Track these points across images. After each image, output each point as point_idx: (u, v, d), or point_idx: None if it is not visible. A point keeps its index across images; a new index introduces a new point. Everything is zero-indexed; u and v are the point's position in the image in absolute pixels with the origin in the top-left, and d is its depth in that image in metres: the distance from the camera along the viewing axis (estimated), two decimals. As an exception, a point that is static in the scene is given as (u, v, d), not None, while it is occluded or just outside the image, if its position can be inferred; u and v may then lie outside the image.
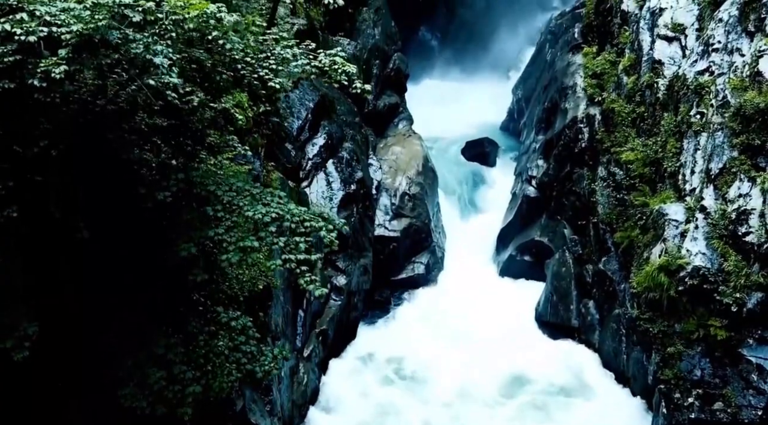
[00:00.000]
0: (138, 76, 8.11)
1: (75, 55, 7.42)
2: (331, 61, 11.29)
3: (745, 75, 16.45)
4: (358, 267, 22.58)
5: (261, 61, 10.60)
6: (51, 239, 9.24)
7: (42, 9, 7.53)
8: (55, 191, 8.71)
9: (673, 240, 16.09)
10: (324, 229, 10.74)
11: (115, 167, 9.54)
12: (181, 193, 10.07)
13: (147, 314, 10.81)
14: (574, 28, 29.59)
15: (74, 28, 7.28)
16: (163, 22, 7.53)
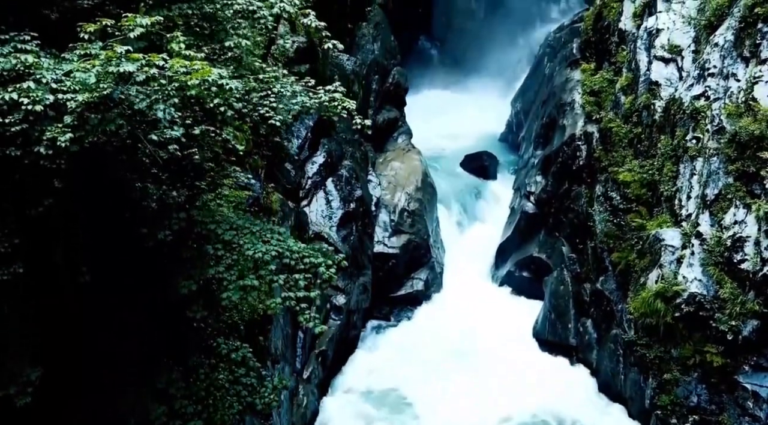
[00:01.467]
0: (141, 132, 8.26)
1: (80, 122, 7.56)
2: (331, 97, 11.42)
3: (741, 101, 16.59)
4: (358, 286, 22.71)
5: (262, 99, 10.74)
6: (52, 284, 9.37)
7: (48, 76, 7.68)
8: (59, 240, 8.85)
9: (670, 266, 16.22)
10: (323, 265, 10.87)
11: (117, 206, 9.67)
12: (182, 231, 10.20)
13: (148, 349, 10.93)
14: (573, 44, 29.75)
15: (80, 98, 7.42)
16: (166, 87, 7.68)
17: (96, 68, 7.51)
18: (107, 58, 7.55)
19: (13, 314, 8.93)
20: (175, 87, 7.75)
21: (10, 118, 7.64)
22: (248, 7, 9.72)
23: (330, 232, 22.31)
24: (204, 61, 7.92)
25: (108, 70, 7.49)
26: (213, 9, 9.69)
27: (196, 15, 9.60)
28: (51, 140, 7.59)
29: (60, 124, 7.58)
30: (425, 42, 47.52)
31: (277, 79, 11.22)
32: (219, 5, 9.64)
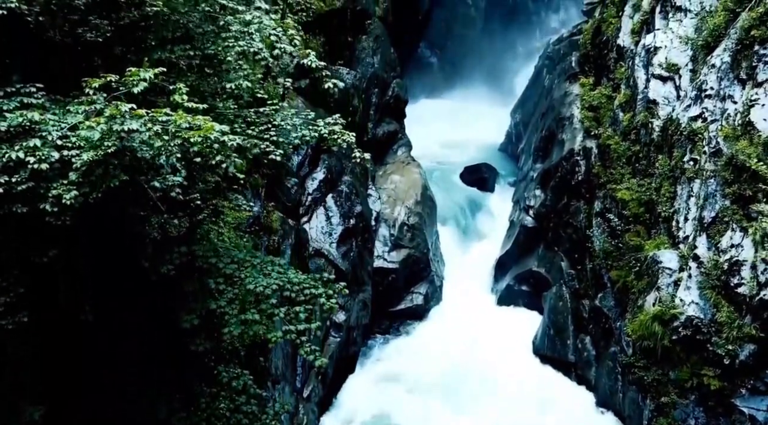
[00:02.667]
0: (144, 180, 8.39)
1: (84, 178, 7.68)
2: (331, 130, 11.54)
3: (737, 124, 16.70)
4: (357, 302, 22.82)
5: (262, 133, 10.86)
6: (55, 321, 9.48)
7: (54, 133, 7.80)
8: (62, 283, 8.96)
9: (667, 289, 16.34)
10: (323, 295, 10.99)
11: (119, 240, 9.78)
12: (184, 265, 10.32)
13: (149, 380, 11.04)
14: (572, 57, 29.89)
15: (84, 156, 7.54)
16: (169, 143, 7.80)
17: (101, 126, 7.64)
18: (112, 115, 7.67)
19: (15, 354, 9.03)
20: (178, 144, 7.88)
21: (16, 177, 7.77)
22: (249, 48, 9.84)
23: (330, 249, 22.41)
24: (206, 117, 8.04)
25: (113, 128, 7.61)
26: (215, 50, 9.83)
27: (197, 56, 9.73)
28: (56, 197, 7.71)
29: (65, 180, 7.71)
30: (425, 49, 47.65)
31: (278, 112, 11.33)
32: (221, 47, 9.77)
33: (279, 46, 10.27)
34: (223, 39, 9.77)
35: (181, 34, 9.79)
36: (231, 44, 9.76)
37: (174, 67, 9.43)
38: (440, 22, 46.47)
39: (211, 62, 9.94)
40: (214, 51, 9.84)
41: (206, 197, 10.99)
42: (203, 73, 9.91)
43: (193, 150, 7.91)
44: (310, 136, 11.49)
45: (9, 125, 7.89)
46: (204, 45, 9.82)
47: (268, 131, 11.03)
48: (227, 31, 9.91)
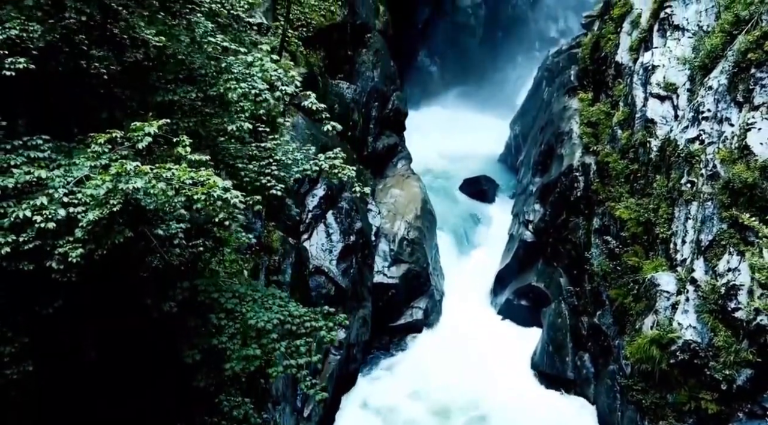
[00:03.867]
0: (147, 228, 8.52)
1: (90, 236, 7.80)
2: (331, 164, 11.67)
3: (734, 147, 16.83)
4: (358, 319, 22.94)
5: (263, 168, 10.98)
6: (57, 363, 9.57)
7: (61, 191, 7.93)
8: (66, 328, 9.07)
9: (665, 312, 16.46)
10: (324, 328, 11.11)
11: (121, 283, 9.88)
12: (186, 301, 10.43)
13: (152, 413, 11.13)
14: (570, 70, 30.02)
15: (90, 216, 7.67)
16: (173, 199, 7.93)
17: (106, 184, 7.77)
18: (117, 172, 7.80)
19: (18, 400, 9.11)
20: (182, 201, 8.00)
21: (23, 235, 7.90)
22: (251, 90, 9.96)
23: (330, 266, 22.52)
24: (209, 170, 8.16)
25: (118, 186, 7.74)
26: (217, 92, 9.95)
27: (200, 98, 9.85)
28: (63, 254, 7.84)
29: (71, 237, 7.83)
30: (425, 58, 47.78)
31: (279, 147, 11.45)
32: (222, 89, 9.89)
33: (281, 88, 10.37)
34: (225, 81, 9.90)
35: (184, 76, 9.91)
36: (233, 86, 9.88)
37: (177, 108, 9.54)
38: (440, 31, 46.63)
39: (214, 103, 10.06)
40: (216, 93, 9.97)
41: (208, 228, 11.09)
42: (205, 114, 10.02)
43: (197, 207, 8.04)
44: (312, 170, 11.60)
45: (16, 181, 8.01)
46: (206, 87, 9.94)
47: (269, 165, 11.15)
48: (229, 72, 10.04)
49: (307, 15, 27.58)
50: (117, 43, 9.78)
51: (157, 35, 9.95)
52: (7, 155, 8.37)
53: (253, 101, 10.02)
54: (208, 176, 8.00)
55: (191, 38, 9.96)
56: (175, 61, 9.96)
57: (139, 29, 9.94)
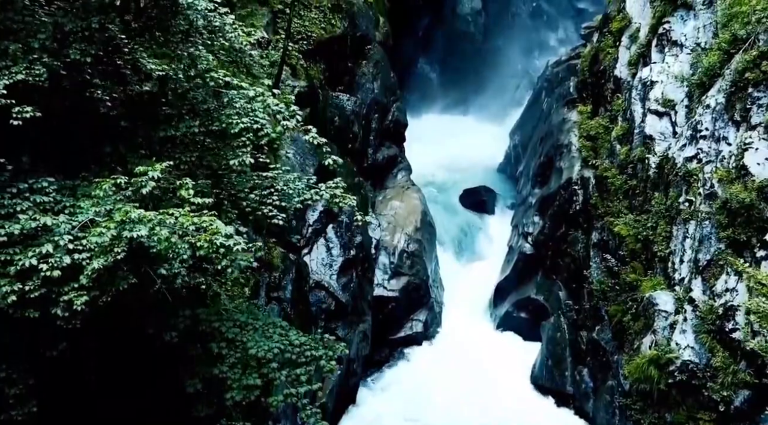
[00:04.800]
0: (150, 268, 8.64)
1: (94, 283, 7.92)
2: (332, 194, 11.78)
3: (732, 166, 16.93)
4: (358, 334, 23.02)
5: (265, 198, 11.09)
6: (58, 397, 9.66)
7: (65, 237, 8.05)
8: (70, 367, 9.17)
9: (663, 332, 16.57)
10: (324, 357, 11.22)
11: (124, 318, 9.97)
12: (188, 330, 10.53)
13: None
14: (570, 81, 30.15)
15: (95, 264, 7.80)
16: (176, 245, 8.04)
17: (111, 231, 7.88)
18: (121, 220, 7.91)
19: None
20: (185, 248, 8.12)
21: (29, 284, 8.01)
22: (253, 124, 10.07)
23: (330, 280, 22.63)
24: (212, 216, 8.27)
25: (122, 234, 7.85)
26: (219, 127, 10.07)
27: (202, 132, 9.96)
28: (68, 302, 7.95)
29: (75, 284, 7.95)
30: (424, 65, 47.83)
31: (280, 176, 11.56)
32: (225, 124, 10.01)
33: (283, 123, 10.49)
34: (228, 116, 10.01)
35: (186, 110, 10.02)
36: (235, 121, 9.99)
37: (180, 142, 9.66)
38: (440, 39, 46.69)
39: (216, 137, 10.18)
40: (218, 127, 10.09)
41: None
42: (208, 148, 10.15)
43: (200, 254, 8.16)
44: (312, 200, 11.72)
45: (22, 227, 8.13)
46: (209, 121, 10.06)
47: (270, 195, 11.26)
48: (232, 107, 10.15)
49: (308, 28, 27.67)
50: (120, 75, 9.88)
51: (159, 64, 10.06)
52: (13, 200, 8.49)
53: (254, 135, 10.14)
54: (211, 222, 8.12)
55: (194, 72, 10.08)
56: (177, 95, 10.07)
57: (143, 60, 10.02)
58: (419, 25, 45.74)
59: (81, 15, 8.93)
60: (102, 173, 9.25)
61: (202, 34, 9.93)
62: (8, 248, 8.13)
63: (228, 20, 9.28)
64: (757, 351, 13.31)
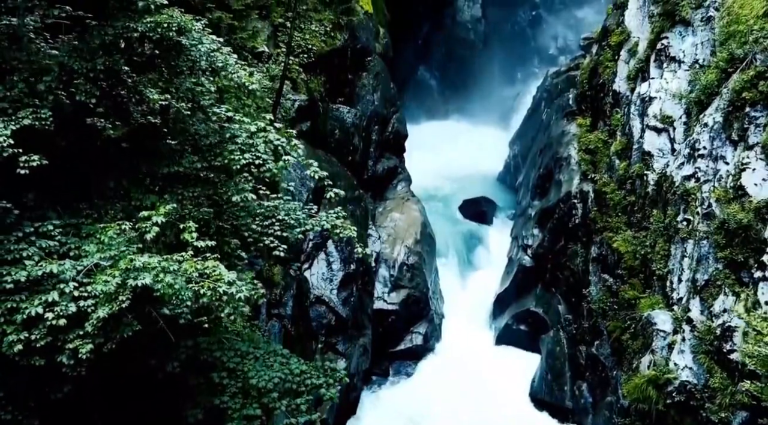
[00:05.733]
0: (153, 308, 8.75)
1: (100, 330, 8.04)
2: (333, 224, 11.90)
3: (729, 186, 17.04)
4: (358, 348, 23.13)
5: (266, 228, 11.20)
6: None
7: (71, 285, 8.17)
8: (73, 407, 9.28)
9: (661, 352, 16.68)
10: (324, 385, 11.33)
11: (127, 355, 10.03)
12: (189, 360, 10.64)
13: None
14: (569, 93, 30.26)
15: (100, 313, 7.92)
16: (181, 293, 8.17)
17: (116, 280, 8.00)
18: (126, 268, 8.02)
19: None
20: (189, 295, 8.23)
21: (36, 332, 8.13)
22: (255, 161, 10.19)
23: (331, 295, 22.75)
24: (215, 261, 8.38)
25: (127, 282, 7.97)
26: (221, 163, 10.18)
27: (205, 168, 10.08)
28: (73, 350, 8.07)
29: (81, 331, 8.06)
30: (424, 72, 47.94)
31: (281, 206, 11.67)
32: (227, 160, 10.13)
33: (284, 158, 10.62)
34: (230, 152, 10.14)
35: (189, 145, 10.14)
36: (237, 157, 10.11)
37: (183, 177, 9.77)
38: (440, 46, 46.81)
39: (219, 172, 10.30)
40: (221, 163, 10.21)
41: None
42: (210, 182, 10.26)
43: (203, 301, 8.27)
44: (314, 231, 11.84)
45: (29, 274, 8.25)
46: (211, 156, 10.17)
47: (272, 225, 11.37)
48: (234, 142, 10.27)
49: (308, 41, 27.74)
50: (123, 104, 9.96)
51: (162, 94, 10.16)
52: (19, 244, 8.60)
53: (257, 171, 10.26)
54: (214, 268, 8.23)
55: (197, 106, 10.20)
56: (180, 130, 10.19)
57: (146, 90, 10.11)
58: (419, 33, 45.86)
59: (86, 56, 9.05)
60: (106, 208, 9.37)
61: (204, 72, 10.06)
62: (14, 295, 8.25)
63: (231, 60, 9.41)
64: (753, 393, 13.38)
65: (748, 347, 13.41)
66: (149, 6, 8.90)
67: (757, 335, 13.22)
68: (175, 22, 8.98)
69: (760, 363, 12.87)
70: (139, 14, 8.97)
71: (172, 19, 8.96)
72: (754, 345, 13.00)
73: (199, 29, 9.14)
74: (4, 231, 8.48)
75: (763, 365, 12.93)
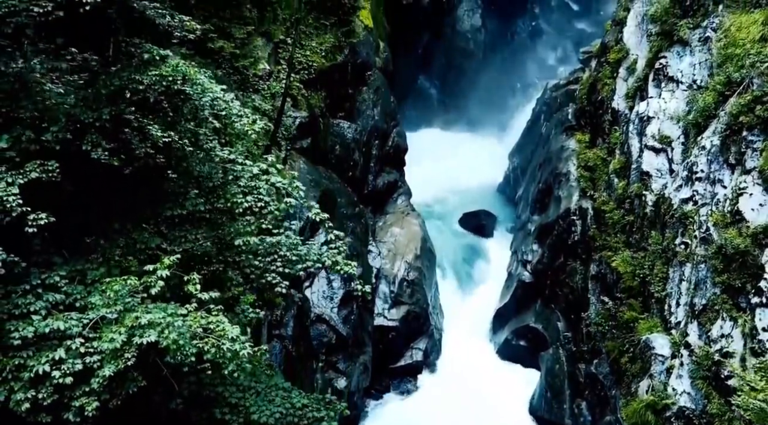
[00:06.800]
0: (158, 357, 8.90)
1: (106, 387, 8.18)
2: (334, 260, 12.05)
3: (727, 210, 17.16)
4: (358, 366, 23.26)
5: (268, 265, 11.35)
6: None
7: (78, 341, 8.31)
8: None
9: (660, 376, 16.81)
10: (326, 418, 11.47)
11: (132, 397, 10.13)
12: (192, 395, 10.77)
13: None
14: (568, 107, 30.39)
15: (106, 371, 8.06)
16: (185, 348, 8.32)
17: (121, 337, 8.15)
18: (131, 326, 8.16)
19: None
20: (193, 352, 8.38)
21: (42, 391, 8.26)
22: (257, 203, 10.34)
23: (332, 314, 22.88)
24: (220, 316, 8.53)
25: (132, 340, 8.12)
26: (223, 205, 10.32)
27: (209, 210, 10.22)
28: (79, 407, 8.20)
29: (86, 387, 8.20)
30: (425, 81, 48.08)
31: (282, 243, 11.81)
32: (230, 203, 10.27)
33: (286, 199, 10.77)
34: (233, 195, 10.29)
35: (192, 187, 10.28)
36: (239, 200, 10.26)
37: (186, 219, 9.91)
38: (440, 55, 46.94)
39: (222, 214, 10.44)
40: (223, 205, 10.35)
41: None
42: (214, 223, 10.40)
43: (207, 357, 8.42)
44: (316, 266, 11.99)
45: (36, 330, 8.40)
46: (214, 198, 10.32)
47: (274, 262, 11.52)
48: (236, 185, 10.42)
49: (309, 58, 27.90)
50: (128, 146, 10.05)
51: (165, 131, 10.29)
52: (26, 298, 8.74)
53: (258, 213, 10.41)
54: (218, 323, 8.37)
55: (200, 149, 10.34)
56: (183, 172, 10.32)
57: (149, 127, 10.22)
58: (419, 42, 45.95)
59: (92, 105, 9.19)
60: (111, 250, 9.52)
61: (207, 120, 10.21)
62: (22, 350, 8.40)
63: (234, 110, 9.55)
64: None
65: (743, 397, 13.51)
66: (154, 58, 9.05)
67: (751, 390, 13.32)
68: (179, 75, 9.14)
69: (755, 416, 12.99)
70: (144, 64, 9.12)
71: (177, 71, 9.11)
72: (749, 399, 13.11)
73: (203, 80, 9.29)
74: (12, 282, 8.62)
75: (758, 418, 13.04)
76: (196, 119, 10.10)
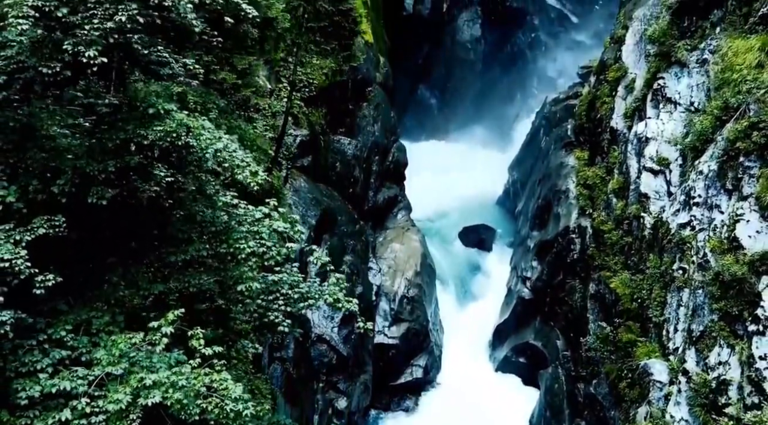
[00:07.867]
0: (162, 410, 9.05)
1: None
2: (335, 298, 12.21)
3: (724, 236, 17.30)
4: (359, 385, 23.41)
5: (270, 303, 11.49)
6: None
7: (83, 401, 8.46)
8: None
9: (658, 403, 16.96)
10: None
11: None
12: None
13: None
14: (567, 123, 30.54)
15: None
16: (189, 408, 8.47)
17: (126, 398, 8.30)
18: (136, 386, 8.31)
19: None
20: (197, 411, 8.53)
21: None
22: (259, 248, 10.50)
23: (332, 334, 23.03)
24: (223, 374, 8.68)
25: (137, 401, 8.27)
26: (226, 250, 10.48)
27: (211, 256, 10.37)
28: None
29: None
30: (424, 91, 48.27)
31: (284, 281, 11.96)
32: (232, 248, 10.43)
33: (287, 244, 10.93)
34: (235, 240, 10.44)
35: (195, 232, 10.43)
36: (242, 246, 10.42)
37: (189, 264, 10.06)
38: (440, 65, 47.11)
39: (224, 258, 10.59)
40: (225, 251, 10.50)
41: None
42: (216, 269, 10.55)
43: (210, 418, 8.57)
44: (317, 303, 12.14)
45: (42, 389, 8.54)
46: (217, 243, 10.47)
47: (276, 300, 11.66)
48: (238, 231, 10.57)
49: (309, 75, 28.03)
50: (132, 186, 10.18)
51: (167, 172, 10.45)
52: (33, 355, 8.88)
53: (260, 257, 10.56)
54: (221, 381, 8.52)
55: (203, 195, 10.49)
56: (186, 217, 10.47)
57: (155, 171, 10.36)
58: (419, 52, 46.15)
59: (98, 157, 9.35)
60: (115, 295, 9.67)
61: (209, 170, 10.38)
62: (28, 410, 8.54)
63: (237, 160, 9.71)
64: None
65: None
66: (159, 112, 9.20)
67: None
68: (183, 129, 9.28)
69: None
70: (149, 118, 9.27)
71: (182, 127, 9.26)
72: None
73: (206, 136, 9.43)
74: (19, 336, 8.76)
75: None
76: (200, 168, 10.26)
